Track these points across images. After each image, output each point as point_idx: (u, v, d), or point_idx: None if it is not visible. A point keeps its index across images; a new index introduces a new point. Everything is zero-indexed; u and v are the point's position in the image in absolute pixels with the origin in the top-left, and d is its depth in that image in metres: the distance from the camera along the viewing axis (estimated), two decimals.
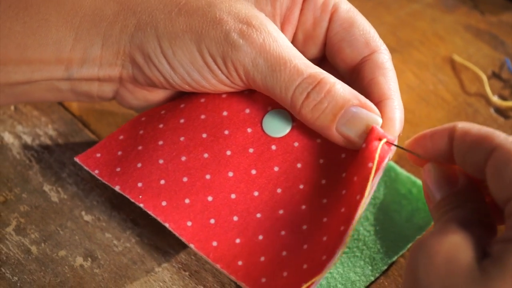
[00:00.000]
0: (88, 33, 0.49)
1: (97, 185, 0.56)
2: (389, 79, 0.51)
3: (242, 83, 0.51)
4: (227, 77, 0.50)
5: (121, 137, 0.54)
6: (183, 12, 0.49)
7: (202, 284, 0.52)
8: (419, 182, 0.57)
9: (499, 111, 0.65)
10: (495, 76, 0.68)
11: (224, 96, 0.53)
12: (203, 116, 0.52)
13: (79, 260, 0.53)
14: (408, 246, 0.54)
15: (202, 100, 0.53)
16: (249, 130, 0.52)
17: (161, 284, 0.52)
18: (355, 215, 0.46)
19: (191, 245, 0.50)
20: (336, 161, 0.51)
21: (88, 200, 0.56)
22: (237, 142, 0.52)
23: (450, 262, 0.41)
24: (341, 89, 0.48)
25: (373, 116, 0.48)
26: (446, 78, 0.67)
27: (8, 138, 0.59)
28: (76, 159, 0.53)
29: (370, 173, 0.47)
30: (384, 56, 0.51)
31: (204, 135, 0.52)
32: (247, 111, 0.52)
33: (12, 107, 0.61)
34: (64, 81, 0.52)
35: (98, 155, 0.53)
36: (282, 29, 0.52)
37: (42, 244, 0.53)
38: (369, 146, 0.48)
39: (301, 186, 0.50)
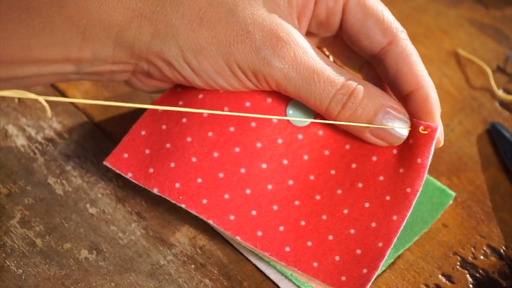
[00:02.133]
0: (97, 36, 0.48)
1: (102, 177, 0.56)
2: (413, 65, 0.51)
3: (270, 89, 0.51)
4: (255, 85, 0.51)
5: (143, 132, 0.54)
6: (205, 22, 0.48)
7: (208, 277, 0.52)
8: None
9: (504, 104, 0.64)
10: (499, 70, 0.67)
11: None
12: (226, 108, 0.53)
13: (84, 252, 0.52)
14: (414, 240, 0.54)
15: (222, 90, 0.53)
16: (274, 121, 0.52)
17: (166, 277, 0.52)
18: (409, 209, 0.49)
19: (237, 238, 0.51)
20: (362, 145, 0.52)
21: (93, 192, 0.55)
22: (265, 134, 0.52)
23: None
24: (372, 95, 0.50)
25: (401, 117, 0.50)
26: (451, 72, 0.67)
27: (12, 130, 0.59)
28: (106, 163, 0.53)
29: (420, 167, 0.50)
30: (402, 43, 0.52)
31: (232, 129, 0.52)
32: (269, 100, 0.53)
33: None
34: (73, 74, 0.51)
35: (126, 155, 0.53)
36: (299, 23, 0.52)
37: (47, 237, 0.53)
38: (417, 141, 0.50)
39: (333, 172, 0.52)
